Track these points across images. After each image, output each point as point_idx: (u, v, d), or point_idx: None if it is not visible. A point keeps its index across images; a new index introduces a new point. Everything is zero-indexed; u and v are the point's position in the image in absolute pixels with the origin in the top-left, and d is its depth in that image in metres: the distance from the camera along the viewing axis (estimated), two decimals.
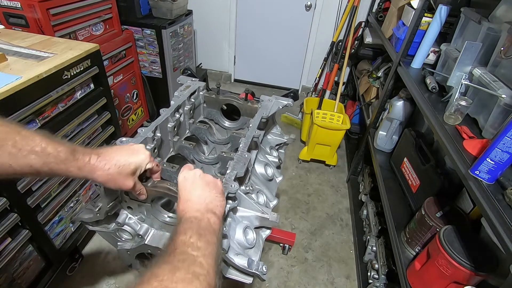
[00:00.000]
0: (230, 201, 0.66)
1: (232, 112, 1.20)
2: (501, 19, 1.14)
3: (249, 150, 0.80)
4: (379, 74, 2.26)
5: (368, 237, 1.74)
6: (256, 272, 0.68)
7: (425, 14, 1.46)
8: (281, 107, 1.05)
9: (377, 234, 1.69)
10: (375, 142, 1.83)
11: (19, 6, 1.47)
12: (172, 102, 0.94)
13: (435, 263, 0.98)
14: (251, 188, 0.81)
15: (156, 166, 0.69)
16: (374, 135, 1.88)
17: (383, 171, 1.66)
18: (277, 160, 1.04)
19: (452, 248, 0.93)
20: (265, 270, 0.70)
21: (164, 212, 0.71)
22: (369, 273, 1.59)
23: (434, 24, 1.39)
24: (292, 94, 1.17)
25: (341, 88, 2.63)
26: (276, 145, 1.12)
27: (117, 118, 1.72)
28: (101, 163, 0.58)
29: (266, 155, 1.03)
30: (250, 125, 0.88)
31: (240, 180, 0.77)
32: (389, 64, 2.22)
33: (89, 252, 1.74)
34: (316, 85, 3.18)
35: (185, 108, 0.98)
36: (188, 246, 0.46)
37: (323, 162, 2.61)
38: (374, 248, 1.66)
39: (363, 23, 2.83)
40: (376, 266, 1.54)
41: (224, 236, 0.66)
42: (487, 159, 0.80)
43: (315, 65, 3.37)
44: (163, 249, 0.60)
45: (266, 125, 1.03)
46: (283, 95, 1.14)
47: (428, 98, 1.26)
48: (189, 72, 1.21)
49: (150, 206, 0.69)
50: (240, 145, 0.79)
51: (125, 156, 0.61)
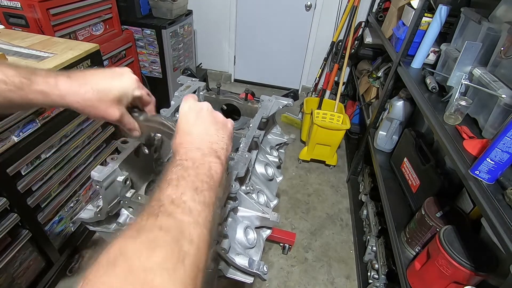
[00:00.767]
0: (231, 201, 0.66)
1: (232, 112, 1.20)
2: (501, 19, 1.14)
3: (249, 150, 0.80)
4: (379, 74, 2.26)
5: (368, 237, 1.74)
6: (257, 272, 0.68)
7: (425, 14, 1.46)
8: (281, 107, 1.05)
9: (377, 234, 1.69)
10: (375, 142, 1.84)
11: (19, 6, 1.47)
12: (172, 102, 0.94)
13: (435, 263, 0.98)
14: (251, 188, 0.81)
15: (147, 95, 0.58)
16: (374, 135, 1.88)
17: (383, 171, 1.66)
18: (277, 160, 1.04)
19: (452, 248, 0.93)
20: (266, 270, 0.70)
21: None
22: (369, 273, 1.59)
23: (434, 24, 1.39)
24: (292, 94, 1.17)
25: (341, 88, 2.63)
26: (276, 145, 1.12)
27: None
28: (73, 86, 0.47)
29: (267, 155, 1.03)
30: (251, 125, 0.88)
31: (241, 180, 0.76)
32: (389, 64, 2.22)
33: (89, 252, 1.74)
34: (316, 85, 3.18)
35: None
36: (178, 206, 0.34)
37: (323, 162, 2.61)
38: (374, 248, 1.66)
39: (363, 23, 2.83)
40: (376, 266, 1.54)
41: (225, 236, 0.66)
42: (487, 159, 0.80)
43: (315, 65, 3.37)
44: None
45: (266, 125, 1.03)
46: (283, 95, 1.14)
47: (428, 98, 1.26)
48: (189, 72, 1.21)
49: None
50: (241, 145, 0.79)
51: (105, 78, 0.50)
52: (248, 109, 1.07)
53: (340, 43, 2.68)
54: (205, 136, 0.46)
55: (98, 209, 0.69)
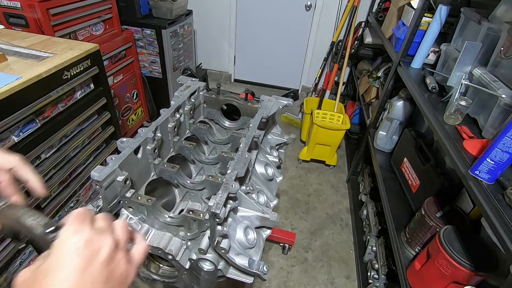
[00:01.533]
0: (231, 201, 0.66)
1: (232, 112, 1.20)
2: (501, 19, 1.14)
3: (249, 150, 0.80)
4: (379, 74, 2.26)
5: (368, 237, 1.74)
6: (257, 272, 0.68)
7: (425, 14, 1.46)
8: (281, 107, 1.05)
9: (377, 234, 1.69)
10: (375, 142, 1.84)
11: (19, 6, 1.47)
12: (172, 102, 0.94)
13: (435, 263, 0.98)
14: (251, 188, 0.82)
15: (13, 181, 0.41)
16: (374, 135, 1.88)
17: (383, 171, 1.66)
18: (277, 160, 1.04)
19: (452, 248, 0.93)
20: (266, 270, 0.70)
21: (164, 212, 0.71)
22: (369, 273, 1.59)
23: (434, 24, 1.39)
24: (292, 94, 1.17)
25: (341, 88, 2.63)
26: (276, 145, 1.12)
27: (117, 118, 1.72)
28: None
29: (266, 155, 1.03)
30: (251, 125, 0.88)
31: (241, 180, 0.77)
32: (389, 64, 2.22)
33: None
34: (316, 85, 3.18)
35: (185, 108, 0.98)
36: None
37: (323, 162, 2.61)
38: (374, 248, 1.66)
39: (363, 23, 2.83)
40: (376, 266, 1.54)
41: (224, 236, 0.66)
42: (487, 159, 0.80)
43: (315, 65, 3.37)
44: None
45: (266, 125, 1.03)
46: (283, 95, 1.14)
47: (428, 98, 1.26)
48: (189, 72, 1.21)
49: (151, 206, 0.69)
50: (241, 145, 0.79)
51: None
52: (248, 109, 1.07)
53: (340, 43, 2.68)
54: None
55: (97, 209, 0.69)
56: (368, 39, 2.49)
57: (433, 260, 0.99)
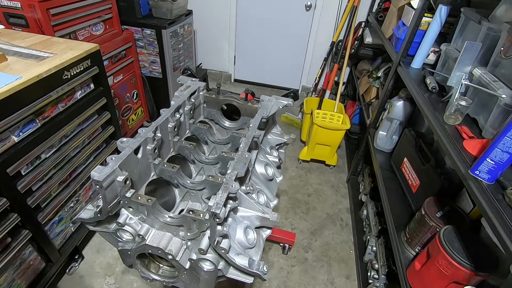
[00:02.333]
0: (231, 201, 0.66)
1: (232, 112, 1.20)
2: (501, 19, 1.14)
3: (249, 150, 0.80)
4: (379, 74, 2.26)
5: (368, 237, 1.74)
6: (257, 272, 0.68)
7: (425, 14, 1.46)
8: (281, 107, 1.05)
9: (377, 234, 1.69)
10: (375, 142, 1.83)
11: (19, 6, 1.47)
12: (172, 102, 0.94)
13: (435, 263, 0.98)
14: (251, 188, 0.81)
15: None
16: (374, 135, 1.88)
17: (383, 171, 1.66)
18: (277, 160, 1.04)
19: (452, 248, 0.93)
20: (266, 270, 0.70)
21: (164, 212, 0.71)
22: (369, 273, 1.59)
23: (434, 24, 1.39)
24: (292, 94, 1.17)
25: (341, 88, 2.63)
26: (276, 145, 1.13)
27: (117, 118, 1.72)
28: None
29: (266, 155, 1.03)
30: (251, 125, 0.88)
31: (241, 180, 0.77)
32: (389, 64, 2.22)
33: (89, 252, 1.74)
34: (316, 85, 3.18)
35: (185, 108, 0.98)
36: None
37: (323, 162, 2.61)
38: (374, 248, 1.66)
39: (363, 23, 2.83)
40: (376, 266, 1.54)
41: (225, 236, 0.66)
42: (487, 159, 0.80)
43: (315, 65, 3.37)
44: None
45: (266, 125, 1.03)
46: (283, 95, 1.14)
47: (428, 98, 1.26)
48: (189, 72, 1.21)
49: (151, 206, 0.69)
50: (241, 145, 0.79)
51: None
52: (248, 109, 1.07)
53: (340, 43, 2.68)
54: None
55: (98, 209, 0.69)
56: (368, 39, 2.49)
57: (433, 260, 0.99)
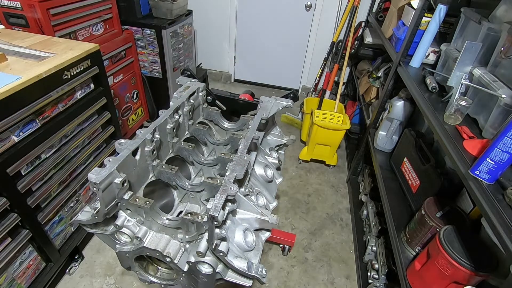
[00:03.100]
0: (229, 204, 0.66)
1: (232, 113, 1.20)
2: (501, 19, 1.13)
3: (248, 151, 0.80)
4: (379, 74, 2.26)
5: (368, 237, 1.73)
6: (256, 275, 0.68)
7: (425, 14, 1.46)
8: (280, 108, 1.05)
9: (377, 234, 1.69)
10: (375, 142, 1.83)
11: (19, 6, 1.47)
12: (171, 103, 0.93)
13: (435, 263, 0.97)
14: (250, 190, 0.81)
15: None
16: (374, 135, 1.87)
17: (383, 171, 1.66)
18: (277, 162, 1.04)
19: (452, 248, 0.93)
20: (265, 273, 0.69)
21: (162, 214, 0.71)
22: (369, 273, 1.59)
23: (432, 23, 1.39)
24: (292, 95, 1.17)
25: (341, 88, 2.63)
26: (276, 146, 1.12)
27: (117, 118, 1.72)
28: None
29: (266, 157, 1.03)
30: (250, 126, 0.88)
31: (240, 182, 0.76)
32: (389, 64, 2.22)
33: (89, 252, 1.74)
34: (316, 85, 3.18)
35: (185, 109, 0.98)
36: None
37: (323, 162, 2.61)
38: (374, 248, 1.66)
39: (363, 23, 2.82)
40: (376, 266, 1.54)
41: (223, 238, 0.66)
42: (487, 159, 0.80)
43: (315, 65, 3.36)
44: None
45: (266, 126, 1.03)
46: (283, 96, 1.14)
47: (428, 98, 1.26)
48: (188, 73, 1.21)
49: (149, 208, 0.68)
50: (240, 147, 0.78)
51: None
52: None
53: (340, 43, 2.68)
54: None
55: (95, 211, 0.69)
56: (368, 39, 2.49)
57: (433, 260, 0.99)
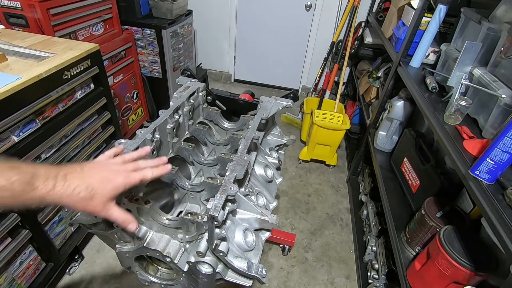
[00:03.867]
0: (229, 204, 0.66)
1: (232, 113, 1.20)
2: (501, 19, 1.13)
3: (248, 151, 0.80)
4: (379, 74, 2.26)
5: (368, 237, 1.73)
6: (256, 275, 0.68)
7: (425, 14, 1.46)
8: (280, 108, 1.04)
9: (377, 234, 1.69)
10: (375, 142, 1.83)
11: (19, 6, 1.47)
12: (171, 103, 0.93)
13: (435, 263, 0.98)
14: (250, 190, 0.81)
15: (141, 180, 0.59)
16: (374, 135, 1.87)
17: (383, 171, 1.66)
18: (277, 162, 1.04)
19: (452, 248, 0.93)
20: (265, 273, 0.69)
21: (163, 214, 0.71)
22: (369, 273, 1.59)
23: (432, 23, 1.39)
24: (292, 95, 1.17)
25: (341, 88, 2.63)
26: (276, 146, 1.12)
27: (117, 118, 1.72)
28: (70, 187, 0.50)
29: (266, 157, 1.02)
30: (250, 126, 0.88)
31: (240, 182, 0.76)
32: (389, 64, 2.22)
33: (89, 252, 1.74)
34: (316, 85, 3.18)
35: (184, 109, 0.98)
36: None
37: (323, 162, 2.61)
38: (374, 248, 1.66)
39: (363, 23, 2.82)
40: (376, 266, 1.54)
41: (223, 238, 0.66)
42: (487, 159, 0.80)
43: (315, 65, 3.36)
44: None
45: (266, 126, 1.03)
46: (283, 96, 1.14)
47: (428, 98, 1.26)
48: (188, 73, 1.21)
49: (149, 208, 0.68)
50: (240, 147, 0.78)
51: (100, 181, 0.54)
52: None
53: (340, 43, 2.68)
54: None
55: None
56: (368, 39, 2.49)
57: (433, 260, 0.99)
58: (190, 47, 2.85)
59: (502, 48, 1.02)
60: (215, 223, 0.60)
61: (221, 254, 0.66)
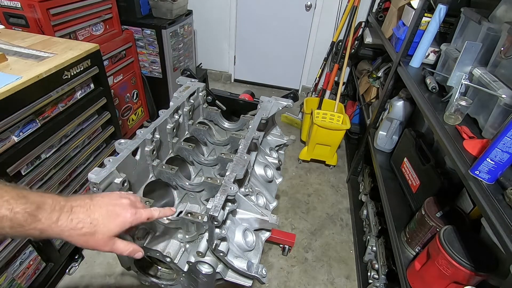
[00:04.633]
0: (229, 204, 0.66)
1: (232, 113, 1.20)
2: (501, 19, 1.13)
3: (248, 151, 0.80)
4: (379, 74, 2.26)
5: (368, 237, 1.73)
6: (256, 275, 0.68)
7: (425, 14, 1.46)
8: (280, 108, 1.04)
9: (377, 234, 1.69)
10: (375, 142, 1.83)
11: (19, 6, 1.47)
12: (171, 103, 0.93)
13: (435, 263, 0.97)
14: (250, 190, 0.81)
15: (147, 218, 0.57)
16: (374, 135, 1.87)
17: (383, 171, 1.66)
18: (277, 162, 1.04)
19: (452, 248, 0.93)
20: (265, 273, 0.69)
21: None
22: (369, 273, 1.59)
23: (432, 23, 1.39)
24: (292, 95, 1.17)
25: (341, 88, 2.63)
26: (276, 146, 1.12)
27: (117, 118, 1.72)
28: (73, 222, 0.48)
29: (266, 157, 1.03)
30: (250, 126, 0.88)
31: (240, 182, 0.76)
32: (389, 64, 2.22)
33: (89, 252, 1.74)
34: (316, 85, 3.18)
35: (184, 109, 0.98)
36: None
37: (323, 162, 2.61)
38: (374, 248, 1.66)
39: (363, 23, 2.82)
40: (376, 266, 1.54)
41: (223, 238, 0.66)
42: (487, 159, 0.80)
43: (315, 65, 3.36)
44: None
45: (266, 126, 1.03)
46: (283, 96, 1.14)
47: (428, 98, 1.26)
48: (188, 73, 1.21)
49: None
50: (240, 147, 0.78)
51: (105, 217, 0.51)
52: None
53: (340, 43, 2.68)
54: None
55: None
56: (368, 39, 2.49)
57: (433, 260, 0.99)
58: (190, 47, 2.84)
59: (502, 48, 1.02)
60: (215, 223, 0.60)
61: (221, 254, 0.66)
